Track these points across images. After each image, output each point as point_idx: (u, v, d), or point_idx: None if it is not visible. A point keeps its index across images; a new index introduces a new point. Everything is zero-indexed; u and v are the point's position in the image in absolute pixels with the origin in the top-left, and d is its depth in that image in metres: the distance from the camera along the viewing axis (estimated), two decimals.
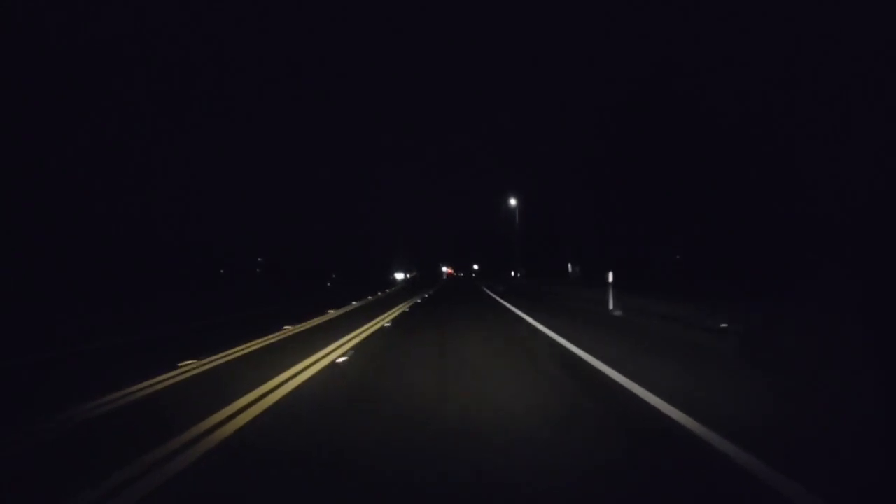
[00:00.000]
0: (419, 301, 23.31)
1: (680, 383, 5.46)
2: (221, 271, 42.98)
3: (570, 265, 42.51)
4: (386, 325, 12.84)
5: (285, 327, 12.50)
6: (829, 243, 14.20)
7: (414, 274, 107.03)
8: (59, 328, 14.48)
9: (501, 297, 23.71)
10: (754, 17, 17.49)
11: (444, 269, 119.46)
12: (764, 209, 17.37)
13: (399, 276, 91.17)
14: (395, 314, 16.06)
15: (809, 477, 3.05)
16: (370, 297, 26.37)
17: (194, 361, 7.84)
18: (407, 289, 42.21)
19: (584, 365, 6.80)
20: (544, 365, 6.98)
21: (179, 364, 7.61)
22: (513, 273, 52.88)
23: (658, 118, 23.51)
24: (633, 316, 12.59)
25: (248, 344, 9.75)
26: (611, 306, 13.74)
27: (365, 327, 12.21)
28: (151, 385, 6.30)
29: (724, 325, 8.79)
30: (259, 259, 51.17)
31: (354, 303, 22.10)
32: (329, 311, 17.74)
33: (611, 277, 14.12)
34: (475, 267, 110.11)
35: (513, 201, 45.69)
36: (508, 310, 16.75)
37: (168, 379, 6.66)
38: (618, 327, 10.88)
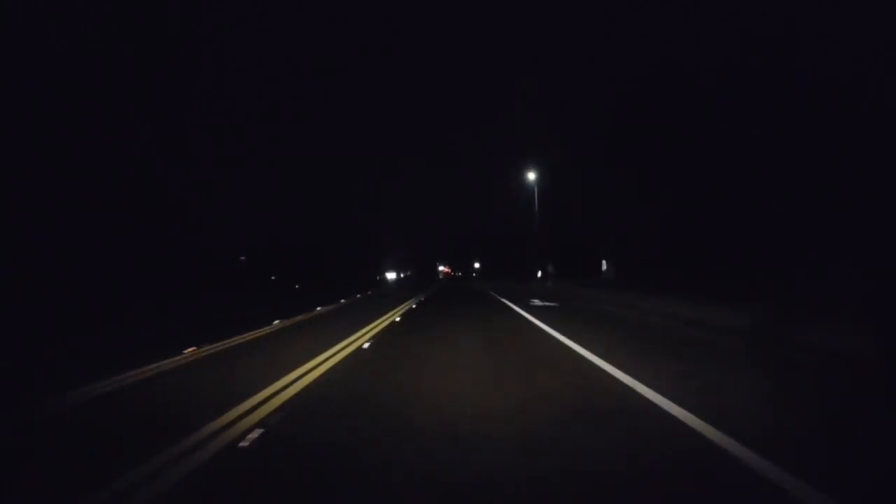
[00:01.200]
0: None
1: None
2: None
3: (604, 263, 36.09)
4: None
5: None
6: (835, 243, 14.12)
7: (408, 273, 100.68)
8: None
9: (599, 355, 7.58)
10: (755, 18, 17.48)
11: (441, 268, 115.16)
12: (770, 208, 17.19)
13: (391, 276, 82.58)
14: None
15: None
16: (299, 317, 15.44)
17: None
18: (377, 299, 26.63)
19: None
20: None
21: None
22: (539, 272, 39.61)
23: (663, 114, 23.37)
24: None
25: None
26: None
27: None
28: None
29: None
30: (242, 258, 48.32)
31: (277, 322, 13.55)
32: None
33: None
34: (476, 265, 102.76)
35: (531, 176, 35.83)
36: None
37: None
38: None
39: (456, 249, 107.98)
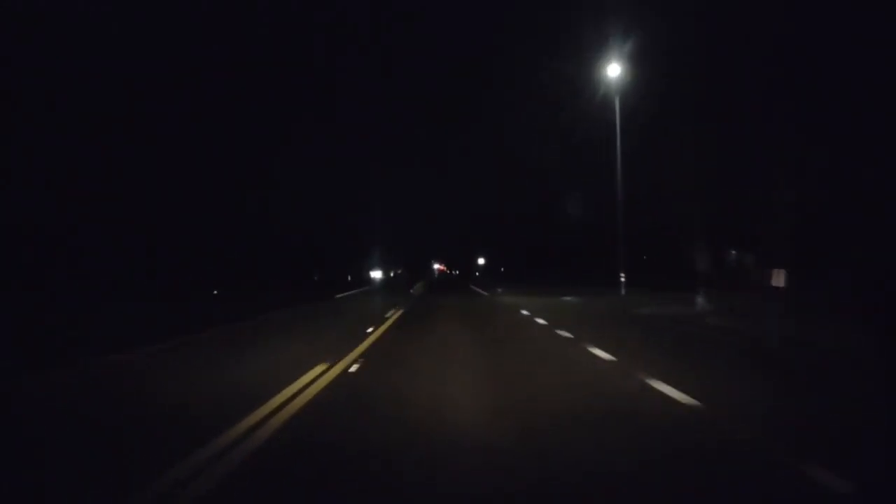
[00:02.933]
0: None
1: None
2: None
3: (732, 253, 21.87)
4: None
5: None
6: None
7: (399, 272, 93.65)
8: None
9: None
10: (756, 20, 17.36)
11: (436, 265, 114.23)
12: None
13: (376, 275, 73.66)
14: None
15: None
16: None
17: None
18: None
19: None
20: None
21: None
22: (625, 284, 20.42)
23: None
24: None
25: None
26: None
27: None
28: None
29: None
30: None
31: None
32: None
33: None
34: (480, 262, 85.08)
35: (613, 71, 20.32)
36: None
37: None
38: None
39: (455, 247, 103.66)
